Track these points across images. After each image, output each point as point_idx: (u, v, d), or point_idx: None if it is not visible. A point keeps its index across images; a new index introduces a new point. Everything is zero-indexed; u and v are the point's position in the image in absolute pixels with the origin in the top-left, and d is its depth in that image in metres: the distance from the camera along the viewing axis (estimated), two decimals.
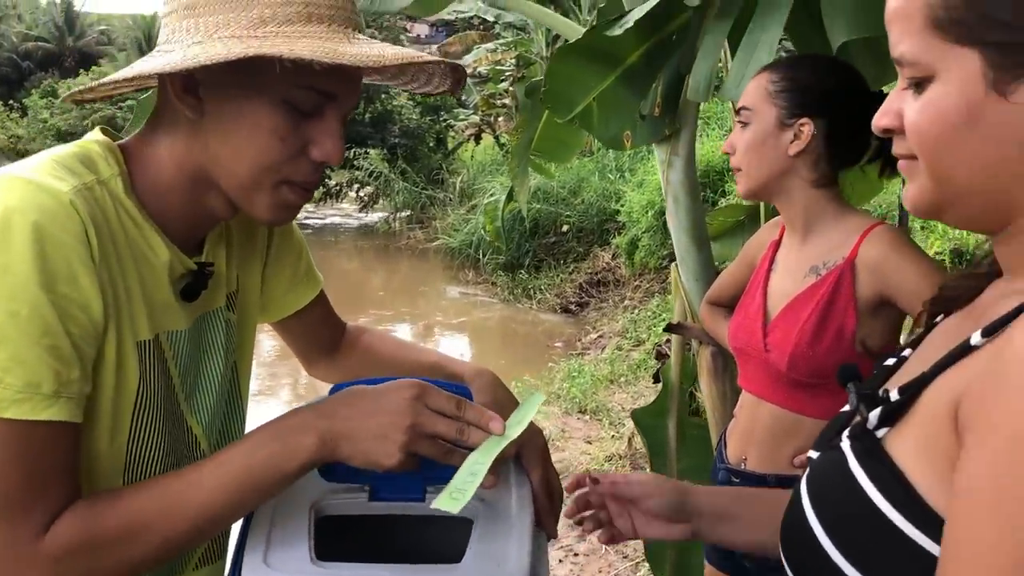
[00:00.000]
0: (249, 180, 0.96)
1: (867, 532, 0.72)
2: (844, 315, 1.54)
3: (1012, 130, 0.69)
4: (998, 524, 0.59)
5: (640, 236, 9.78)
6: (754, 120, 1.62)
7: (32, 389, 0.83)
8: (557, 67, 1.93)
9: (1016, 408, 0.60)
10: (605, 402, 6.53)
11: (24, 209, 0.83)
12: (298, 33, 0.91)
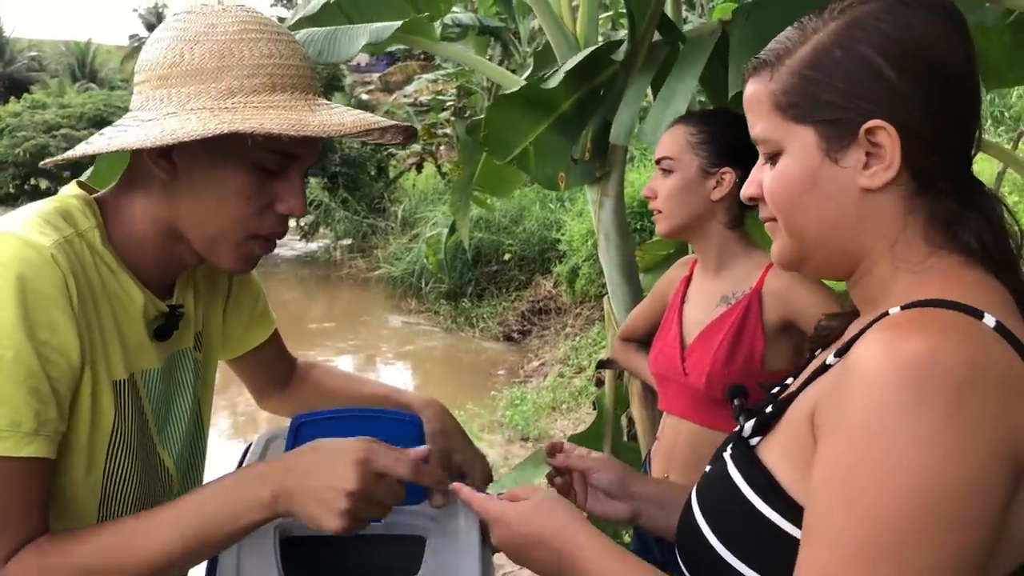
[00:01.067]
0: (218, 236, 1.05)
1: (744, 525, 0.85)
2: (753, 338, 1.69)
3: (845, 189, 0.84)
4: (846, 507, 0.71)
5: (580, 264, 9.92)
6: (677, 168, 1.74)
7: (14, 427, 0.91)
8: (496, 114, 2.06)
9: (856, 408, 0.73)
10: (547, 429, 6.62)
11: (9, 262, 0.92)
12: (264, 103, 1.00)
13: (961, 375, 0.69)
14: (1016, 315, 0.80)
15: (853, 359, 0.75)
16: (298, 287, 14.17)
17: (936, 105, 0.81)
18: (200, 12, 1.04)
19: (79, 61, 41.89)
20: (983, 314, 0.75)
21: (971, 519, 0.68)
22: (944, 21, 0.82)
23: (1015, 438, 0.70)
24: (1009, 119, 8.51)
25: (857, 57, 0.82)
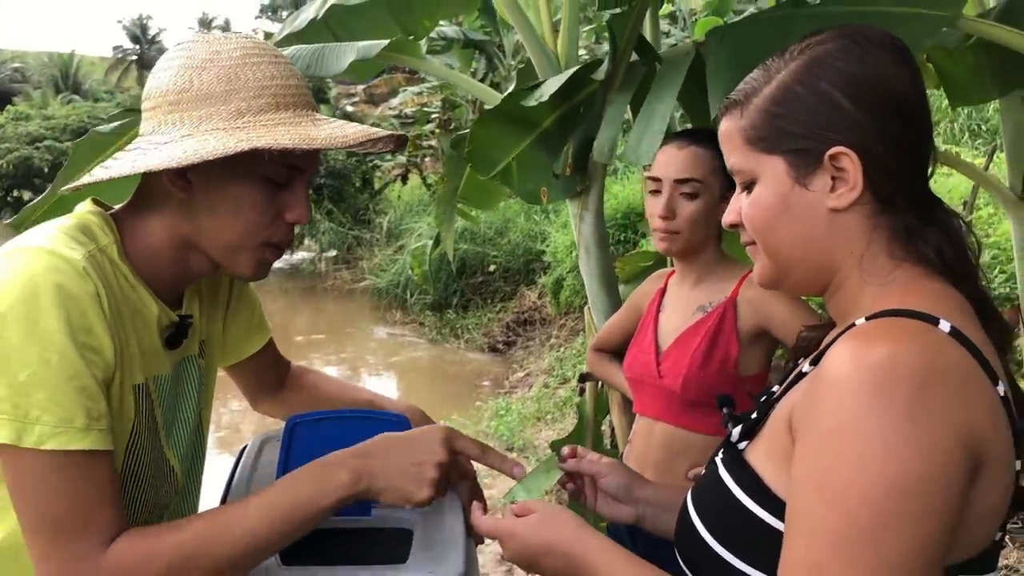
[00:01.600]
0: (236, 245, 1.13)
1: (736, 522, 0.92)
2: (728, 344, 1.77)
3: (815, 210, 0.93)
4: (822, 500, 0.79)
5: (565, 276, 9.98)
6: (704, 192, 1.79)
7: (67, 424, 0.98)
8: (480, 131, 2.13)
9: (828, 411, 0.80)
10: (532, 439, 6.66)
11: (47, 273, 0.99)
12: (272, 121, 1.08)
13: (919, 377, 0.77)
14: (972, 320, 0.88)
15: (824, 367, 0.83)
16: (283, 299, 14.16)
17: (890, 131, 0.90)
18: (203, 41, 1.11)
19: (62, 72, 41.77)
20: (939, 320, 0.83)
21: (934, 506, 0.75)
22: (894, 57, 0.92)
23: (971, 432, 0.77)
24: (986, 132, 8.66)
25: (817, 92, 0.91)
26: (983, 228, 5.93)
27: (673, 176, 1.79)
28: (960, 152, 8.31)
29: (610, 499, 1.29)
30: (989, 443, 0.79)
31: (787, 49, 0.97)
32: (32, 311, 0.97)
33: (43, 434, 0.96)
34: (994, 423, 0.80)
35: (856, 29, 0.94)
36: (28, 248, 1.02)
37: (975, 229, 4.38)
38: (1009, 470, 0.82)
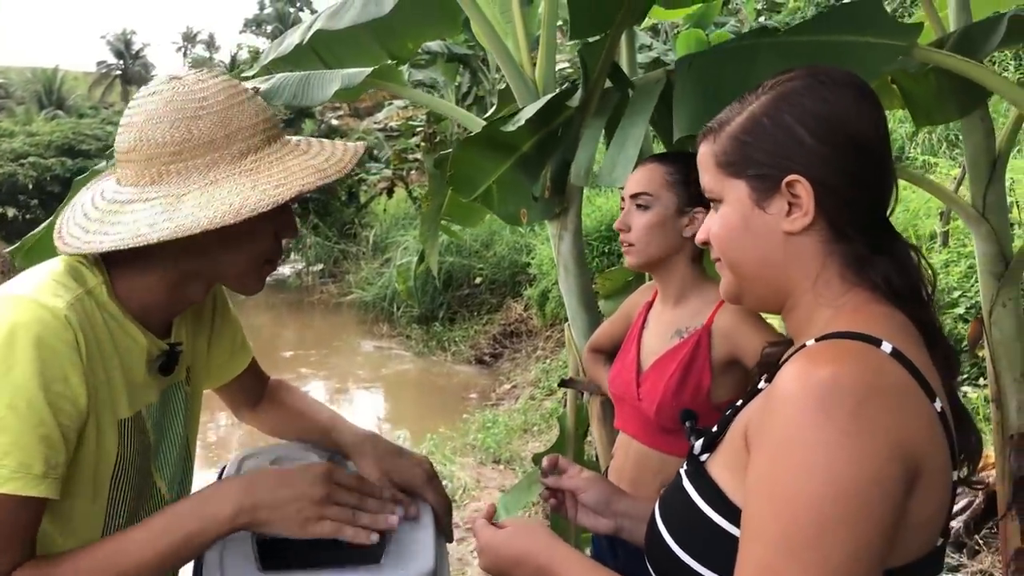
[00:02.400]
0: (248, 268, 1.22)
1: (697, 529, 1.00)
2: (701, 373, 1.82)
3: (772, 232, 1.01)
4: (772, 507, 0.86)
5: (551, 288, 10.02)
6: (654, 205, 1.86)
7: (25, 469, 1.03)
8: (461, 155, 2.21)
9: (777, 425, 0.88)
10: (519, 451, 6.71)
11: (28, 323, 1.05)
12: (272, 156, 1.16)
13: (859, 394, 0.85)
14: (916, 342, 0.96)
15: (775, 384, 0.91)
16: (269, 313, 14.16)
17: (845, 166, 0.98)
18: (183, 88, 1.15)
19: (46, 88, 41.65)
20: (881, 342, 0.91)
21: (873, 512, 0.83)
22: (856, 98, 1.00)
23: (908, 444, 0.85)
24: (962, 143, 8.79)
25: (781, 124, 1.00)
26: (960, 238, 6.04)
27: (629, 191, 1.89)
28: (937, 163, 8.44)
29: (590, 512, 1.36)
30: (925, 455, 0.86)
31: (761, 84, 1.06)
32: (8, 359, 1.03)
33: (2, 477, 1.02)
34: (931, 437, 0.88)
35: (823, 70, 1.03)
36: (12, 297, 1.07)
37: (952, 239, 4.47)
38: (946, 481, 0.90)
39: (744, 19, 14.55)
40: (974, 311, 4.85)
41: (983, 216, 2.33)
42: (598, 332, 2.27)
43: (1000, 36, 2.09)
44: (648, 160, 1.93)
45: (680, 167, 1.87)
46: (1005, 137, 2.38)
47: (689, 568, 0.99)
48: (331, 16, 2.90)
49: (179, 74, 1.20)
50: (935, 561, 0.93)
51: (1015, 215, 5.85)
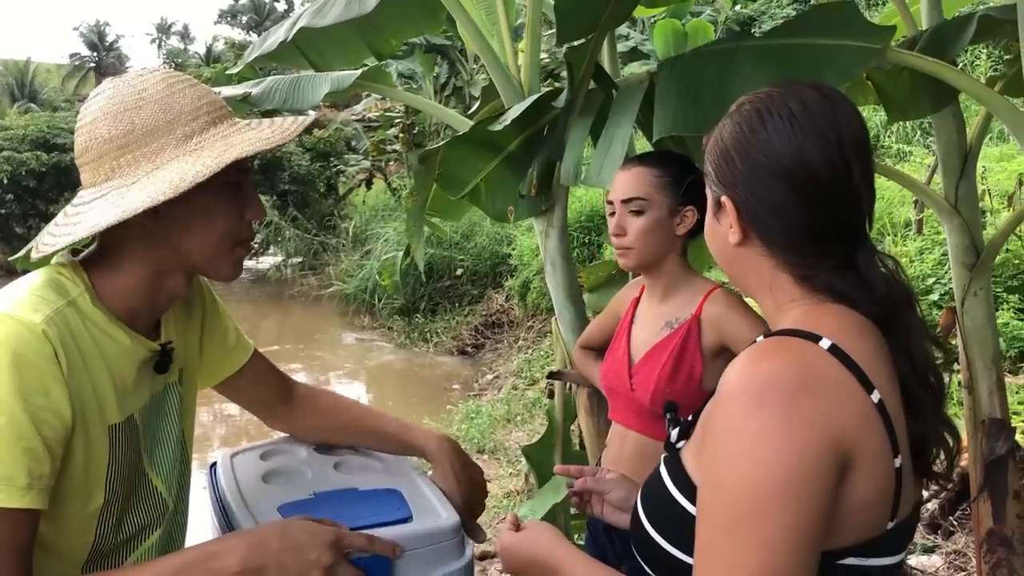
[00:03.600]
0: (214, 253, 1.23)
1: (669, 514, 1.07)
2: (693, 360, 1.90)
3: (725, 241, 1.11)
4: (714, 491, 0.95)
5: (532, 278, 10.08)
6: (648, 209, 1.91)
7: (8, 482, 1.06)
8: (450, 154, 2.26)
9: (720, 416, 0.96)
10: (503, 441, 6.77)
11: (6, 340, 1.07)
12: (216, 136, 1.18)
13: (793, 387, 0.93)
14: (866, 338, 1.02)
15: (722, 379, 0.99)
16: (250, 306, 14.07)
17: (769, 194, 1.04)
18: (122, 84, 1.19)
19: (18, 81, 41.12)
20: (820, 339, 0.98)
21: (804, 497, 0.89)
22: (785, 128, 1.04)
23: (839, 434, 0.92)
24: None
25: (724, 147, 1.09)
26: (934, 226, 6.14)
27: (620, 196, 1.94)
28: (912, 151, 8.58)
29: (615, 509, 1.45)
30: (859, 444, 0.93)
31: (738, 100, 1.13)
32: None
33: None
34: (864, 426, 0.94)
35: (777, 96, 1.07)
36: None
37: (926, 227, 4.55)
38: (886, 467, 0.96)
39: (720, 7, 14.63)
40: (948, 297, 4.95)
41: (955, 209, 2.41)
42: (587, 330, 2.34)
43: (970, 35, 2.17)
44: (633, 162, 1.97)
45: (668, 168, 1.93)
46: (975, 133, 2.46)
47: (663, 549, 1.07)
48: (315, 13, 2.94)
49: (119, 75, 1.24)
50: (887, 543, 0.99)
51: (986, 202, 5.99)
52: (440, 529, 1.32)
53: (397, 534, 1.28)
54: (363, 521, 1.29)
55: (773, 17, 15.50)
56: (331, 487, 1.45)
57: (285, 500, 1.37)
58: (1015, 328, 4.84)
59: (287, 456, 1.58)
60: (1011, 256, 5.29)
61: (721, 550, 0.91)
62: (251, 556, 1.14)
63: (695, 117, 1.87)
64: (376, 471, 1.55)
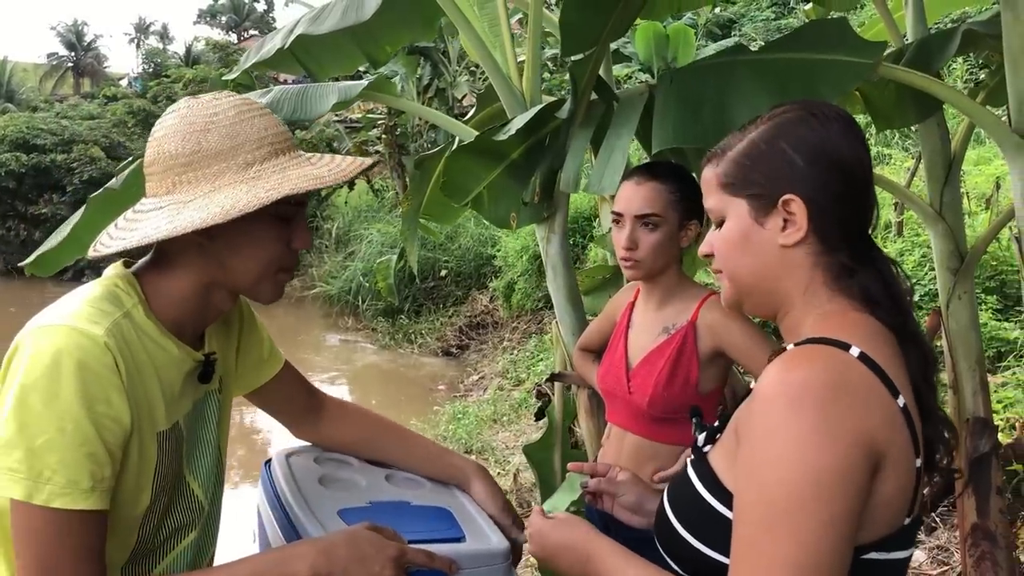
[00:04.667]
0: (258, 277, 1.29)
1: (698, 512, 1.14)
2: (689, 365, 1.97)
3: (768, 246, 1.15)
4: (751, 491, 1.01)
5: (516, 280, 10.14)
6: (663, 224, 1.98)
7: (73, 486, 1.12)
8: (454, 162, 2.33)
9: (757, 421, 1.02)
10: (490, 441, 6.81)
11: (71, 351, 1.13)
12: (276, 167, 1.23)
13: (827, 392, 0.99)
14: (885, 345, 1.09)
15: (758, 385, 1.05)
16: None
17: (833, 186, 1.12)
18: (197, 106, 1.25)
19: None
20: (850, 346, 1.05)
21: (839, 494, 0.96)
22: (842, 127, 1.14)
23: (870, 435, 0.99)
24: (915, 134, 9.07)
25: (777, 150, 1.14)
26: (914, 228, 6.27)
27: (635, 212, 1.99)
28: (891, 154, 8.71)
29: (625, 510, 1.51)
30: (888, 444, 1.01)
31: (759, 116, 1.20)
32: (54, 384, 1.11)
33: (52, 493, 1.10)
34: (892, 428, 1.02)
35: (816, 104, 1.17)
36: (53, 326, 1.15)
37: (906, 229, 4.66)
38: (909, 466, 1.04)
39: (700, 10, 14.73)
40: (929, 299, 5.06)
41: (940, 215, 2.50)
42: (586, 333, 2.41)
43: (954, 48, 2.27)
44: (645, 177, 2.02)
45: (679, 184, 1.99)
46: (959, 141, 2.55)
47: (690, 545, 1.13)
48: (312, 21, 3.00)
49: (198, 95, 1.30)
50: (903, 537, 1.07)
51: (964, 205, 6.11)
52: (492, 552, 1.38)
53: (451, 552, 1.33)
54: (418, 536, 1.34)
55: (753, 20, 15.65)
56: (386, 498, 1.50)
57: (344, 506, 1.42)
58: (993, 328, 4.95)
59: (339, 463, 1.63)
60: (989, 258, 5.40)
61: (760, 547, 0.98)
62: (320, 563, 1.20)
63: (694, 130, 1.94)
64: (424, 487, 1.59)
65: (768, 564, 0.97)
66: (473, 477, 1.59)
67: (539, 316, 9.67)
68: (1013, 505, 2.70)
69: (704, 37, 14.35)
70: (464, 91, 14.21)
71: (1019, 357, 4.75)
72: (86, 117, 21.92)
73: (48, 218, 18.02)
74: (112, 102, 23.76)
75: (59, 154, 18.61)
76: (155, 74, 31.40)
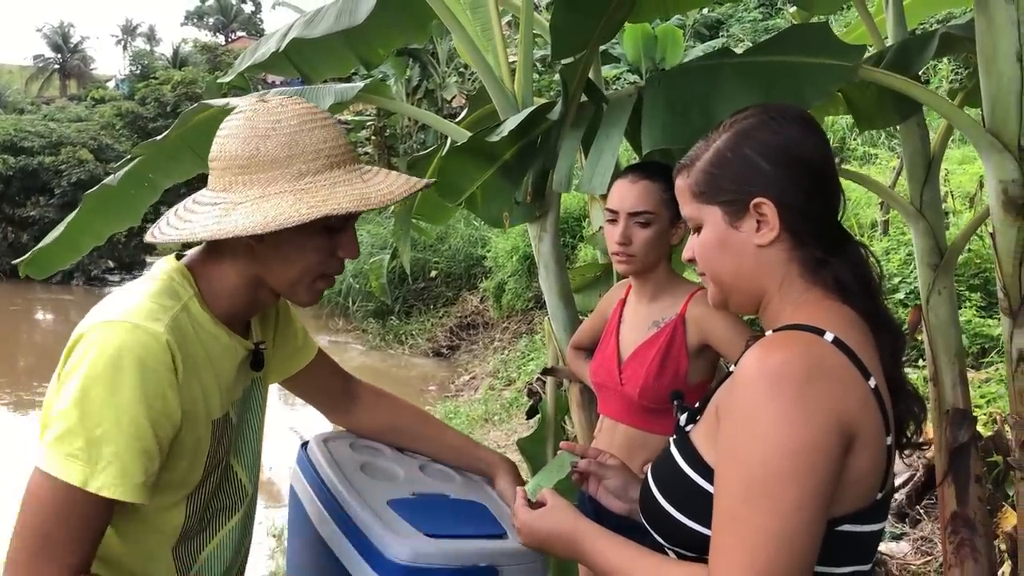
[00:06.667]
0: (298, 281, 1.33)
1: (681, 488, 1.20)
2: (679, 357, 2.05)
3: (745, 247, 1.22)
4: (734, 467, 1.08)
5: (506, 280, 10.19)
6: (655, 222, 2.06)
7: (127, 479, 1.18)
8: (448, 163, 2.40)
9: (737, 401, 1.09)
10: (481, 440, 6.90)
11: (132, 348, 1.19)
12: (329, 180, 1.26)
13: (802, 375, 1.06)
14: (858, 331, 1.16)
15: (738, 368, 1.12)
16: None
17: (800, 185, 1.19)
18: (263, 110, 1.29)
19: None
20: (824, 332, 1.12)
21: (813, 470, 1.03)
22: (800, 127, 1.21)
23: (843, 416, 1.06)
24: (900, 133, 9.15)
25: (742, 156, 1.20)
26: (899, 227, 6.35)
27: (628, 209, 2.07)
28: (877, 153, 8.81)
29: (609, 494, 1.57)
30: (860, 423, 1.08)
31: (721, 123, 1.26)
32: (116, 379, 1.17)
33: (105, 483, 1.16)
34: (864, 408, 1.09)
35: (774, 107, 1.24)
36: (115, 323, 1.21)
37: (892, 228, 4.73)
38: (880, 444, 1.11)
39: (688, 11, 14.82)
40: (914, 296, 5.14)
41: (920, 213, 2.57)
42: (579, 332, 2.49)
43: (933, 51, 2.33)
44: (638, 176, 2.10)
45: (670, 183, 2.03)
46: (938, 141, 2.63)
47: (674, 518, 1.20)
48: (306, 25, 3.06)
49: (268, 97, 1.34)
50: (876, 512, 1.14)
51: (948, 204, 6.20)
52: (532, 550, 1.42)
53: (495, 549, 1.39)
54: (464, 531, 1.40)
55: (740, 21, 15.77)
56: (426, 489, 1.54)
57: (391, 496, 1.46)
58: (977, 325, 5.04)
59: (374, 451, 1.67)
60: (973, 256, 5.49)
61: (739, 517, 1.05)
62: None
63: (683, 131, 2.01)
64: (455, 480, 1.64)
65: (747, 534, 1.03)
66: (499, 471, 1.65)
67: (529, 316, 9.73)
68: (993, 495, 2.76)
69: (692, 38, 14.46)
70: (453, 92, 14.27)
71: (1002, 353, 4.83)
72: (74, 119, 21.92)
73: (36, 221, 18.01)
74: (100, 104, 23.76)
75: (47, 156, 18.60)
76: (143, 76, 31.36)
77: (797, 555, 1.02)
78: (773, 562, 1.01)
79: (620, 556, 1.21)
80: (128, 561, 1.31)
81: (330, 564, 1.43)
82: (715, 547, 1.08)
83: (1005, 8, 1.98)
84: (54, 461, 1.17)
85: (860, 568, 1.15)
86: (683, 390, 1.99)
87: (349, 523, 1.40)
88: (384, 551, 1.33)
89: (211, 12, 67.97)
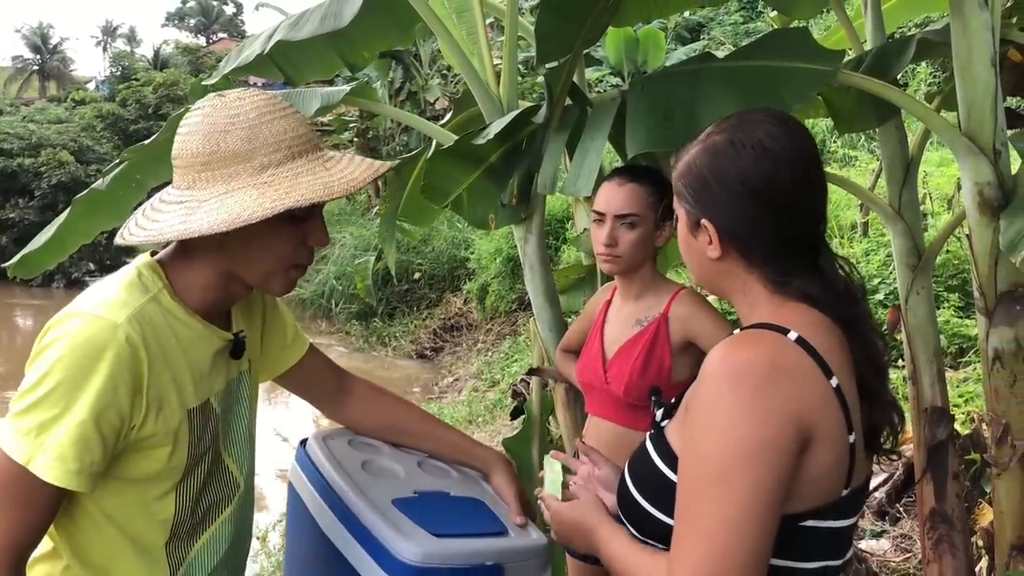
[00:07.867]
0: (269, 272, 1.35)
1: (652, 480, 1.24)
2: (662, 355, 2.08)
3: (703, 255, 1.27)
4: (691, 457, 1.13)
5: (490, 282, 10.20)
6: (641, 224, 2.11)
7: (62, 462, 1.20)
8: (434, 165, 2.42)
9: (700, 395, 1.13)
10: None
11: (90, 338, 1.21)
12: (292, 171, 1.27)
13: (762, 372, 1.10)
14: (828, 333, 1.19)
15: (704, 364, 1.16)
16: None
17: (745, 212, 1.21)
18: (221, 104, 1.29)
19: None
20: (788, 331, 1.15)
21: (766, 464, 1.07)
22: (755, 154, 1.21)
23: (801, 413, 1.09)
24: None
25: (700, 175, 1.25)
26: (879, 228, 6.42)
27: (615, 211, 2.11)
28: (857, 156, 8.90)
29: (601, 487, 1.59)
30: (819, 422, 1.11)
31: (703, 130, 1.30)
32: (70, 368, 1.20)
33: (44, 464, 1.20)
34: (824, 407, 1.12)
35: (740, 126, 1.24)
36: (78, 314, 1.24)
37: (871, 229, 4.77)
38: (842, 442, 1.14)
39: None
40: (893, 297, 5.20)
41: (899, 214, 2.61)
42: (567, 335, 2.54)
43: (910, 55, 2.38)
44: (625, 178, 2.14)
45: (656, 186, 2.12)
46: (916, 144, 2.67)
47: (649, 514, 1.23)
48: (291, 27, 3.07)
49: (226, 92, 1.34)
50: (842, 508, 1.17)
51: (927, 206, 6.28)
52: (534, 548, 1.47)
53: (498, 546, 1.43)
54: (466, 529, 1.43)
55: (721, 24, 15.87)
56: (426, 487, 1.56)
57: (395, 495, 1.49)
58: (955, 325, 5.11)
59: (372, 448, 1.68)
60: (951, 257, 5.57)
61: (695, 507, 1.09)
62: None
63: (665, 134, 2.05)
64: (452, 476, 1.66)
65: (703, 521, 1.07)
66: (495, 468, 1.66)
67: (513, 318, 9.75)
68: (971, 492, 2.81)
69: (673, 40, 14.55)
70: (436, 94, 14.27)
71: (979, 353, 4.89)
72: (54, 121, 21.77)
73: (16, 223, 17.89)
74: (80, 106, 23.60)
75: (26, 158, 18.47)
76: (123, 77, 31.17)
77: (750, 544, 1.05)
78: (729, 548, 1.05)
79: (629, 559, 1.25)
80: (121, 560, 1.33)
81: (335, 564, 1.45)
82: (675, 535, 1.12)
83: (979, 14, 2.02)
84: (8, 437, 1.21)
85: (830, 563, 1.18)
86: (667, 387, 2.02)
87: (356, 523, 1.42)
88: (394, 552, 1.36)
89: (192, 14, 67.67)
